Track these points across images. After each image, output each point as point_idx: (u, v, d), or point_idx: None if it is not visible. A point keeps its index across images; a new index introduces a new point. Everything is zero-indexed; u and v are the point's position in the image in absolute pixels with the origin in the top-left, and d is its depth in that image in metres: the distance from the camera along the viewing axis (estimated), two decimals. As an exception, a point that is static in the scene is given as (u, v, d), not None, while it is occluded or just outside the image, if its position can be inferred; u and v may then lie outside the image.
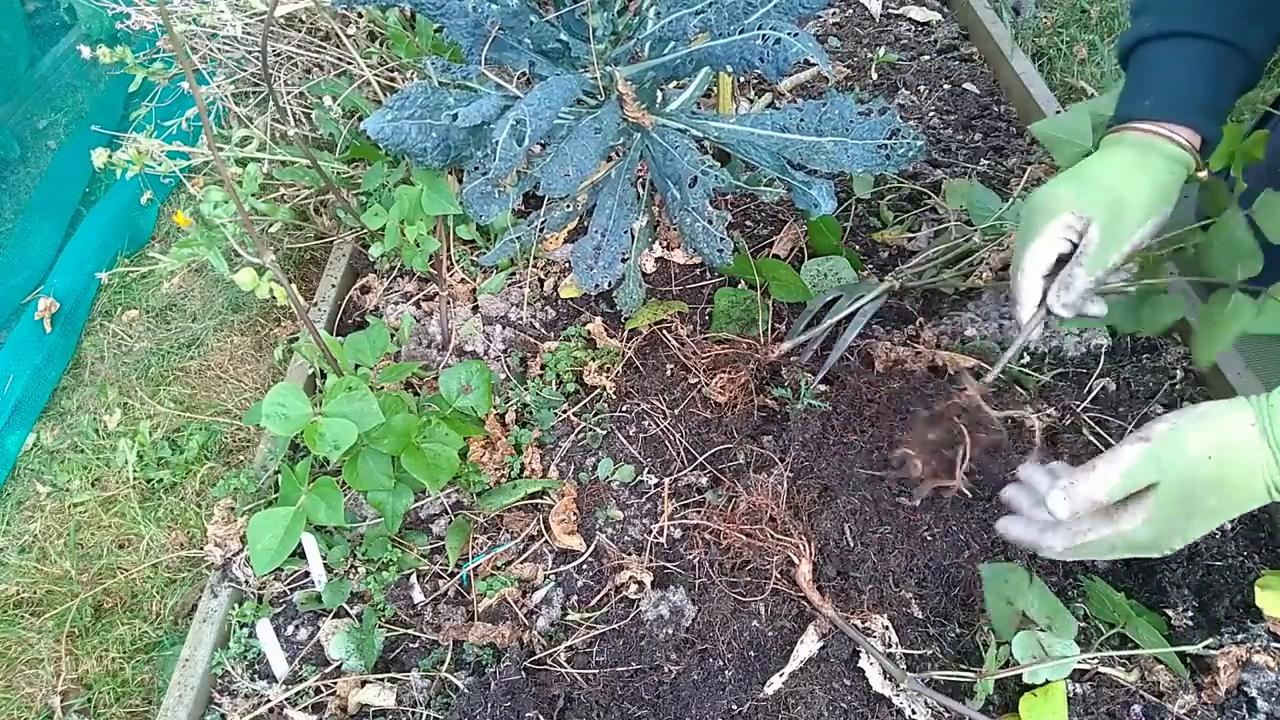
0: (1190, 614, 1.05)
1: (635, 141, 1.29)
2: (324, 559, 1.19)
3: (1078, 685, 1.00)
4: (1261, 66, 0.96)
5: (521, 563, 1.19)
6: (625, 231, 1.30)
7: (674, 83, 1.38)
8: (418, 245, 1.31)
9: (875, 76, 1.97)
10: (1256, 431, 0.75)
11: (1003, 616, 1.00)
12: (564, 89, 1.07)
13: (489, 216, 1.27)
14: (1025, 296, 0.94)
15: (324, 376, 1.37)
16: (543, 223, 1.37)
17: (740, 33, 1.07)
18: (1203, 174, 0.95)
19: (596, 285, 1.30)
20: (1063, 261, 0.93)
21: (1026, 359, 1.31)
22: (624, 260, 1.33)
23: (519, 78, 1.20)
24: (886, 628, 1.04)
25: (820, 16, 2.18)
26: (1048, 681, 0.96)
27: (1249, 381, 1.22)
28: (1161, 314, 1.00)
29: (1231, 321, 0.88)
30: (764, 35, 1.04)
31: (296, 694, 1.10)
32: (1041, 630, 0.97)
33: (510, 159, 1.02)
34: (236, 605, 1.18)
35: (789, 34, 1.03)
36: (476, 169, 1.22)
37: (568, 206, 1.38)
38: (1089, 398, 1.26)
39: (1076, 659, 0.95)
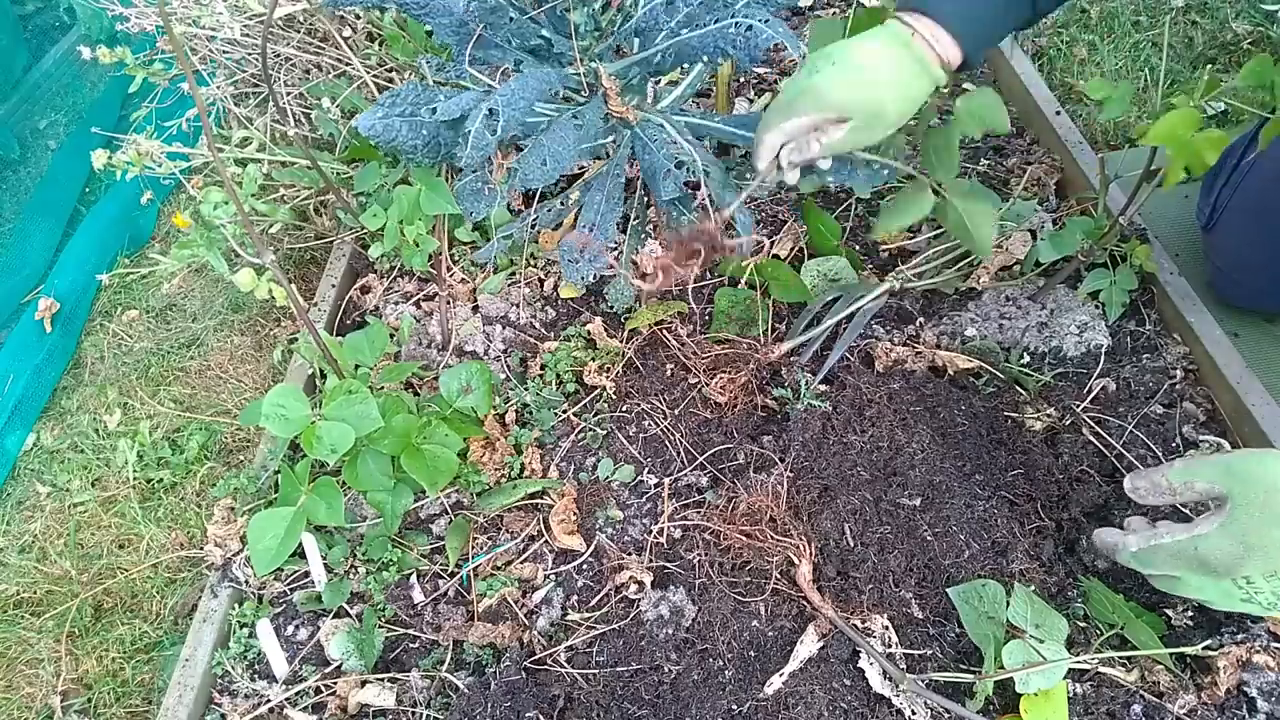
0: (1190, 614, 1.05)
1: (625, 138, 1.29)
2: (324, 559, 1.19)
3: (1078, 685, 1.00)
4: (1039, 17, 1.01)
5: (521, 563, 1.19)
6: (612, 225, 1.30)
7: (664, 79, 1.39)
8: (417, 245, 1.31)
9: (875, 76, 1.97)
10: None
11: (984, 633, 1.00)
12: (539, 81, 1.08)
13: (479, 213, 1.27)
14: (765, 157, 1.04)
15: (324, 376, 1.37)
16: (534, 219, 1.38)
17: (715, 23, 1.10)
18: (943, 90, 1.03)
19: (582, 278, 1.30)
20: None
21: (1026, 359, 1.31)
22: (614, 253, 1.33)
23: (501, 73, 1.21)
24: (886, 628, 1.04)
25: (819, 16, 2.18)
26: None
27: (1249, 382, 1.22)
28: (899, 215, 1.11)
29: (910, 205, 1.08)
30: (736, 23, 1.07)
31: (296, 694, 1.10)
32: (1031, 637, 0.97)
33: (482, 148, 1.04)
34: (236, 605, 1.18)
35: (760, 20, 1.05)
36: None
37: (560, 204, 1.38)
38: (1089, 398, 1.26)
39: (1067, 664, 0.95)
